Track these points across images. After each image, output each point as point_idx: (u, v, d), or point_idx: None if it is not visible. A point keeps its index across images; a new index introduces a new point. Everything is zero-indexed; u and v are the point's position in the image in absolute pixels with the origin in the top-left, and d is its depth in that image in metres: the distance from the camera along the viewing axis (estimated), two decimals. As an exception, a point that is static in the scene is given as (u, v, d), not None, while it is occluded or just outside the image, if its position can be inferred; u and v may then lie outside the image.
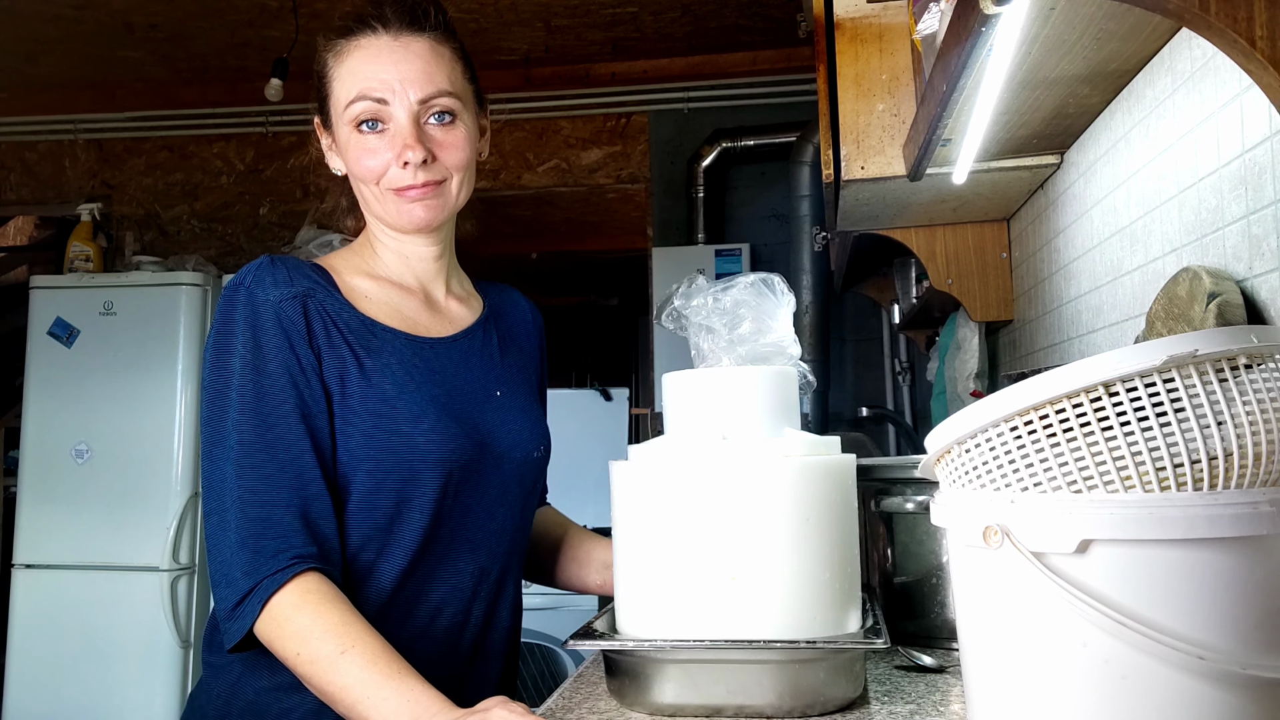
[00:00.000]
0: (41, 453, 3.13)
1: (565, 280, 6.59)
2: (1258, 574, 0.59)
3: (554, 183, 3.86)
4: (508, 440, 1.07)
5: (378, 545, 0.99)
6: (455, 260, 1.16)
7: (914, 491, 1.16)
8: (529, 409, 1.13)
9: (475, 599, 1.05)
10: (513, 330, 1.19)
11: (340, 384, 0.97)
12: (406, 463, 0.98)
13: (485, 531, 1.05)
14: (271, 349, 0.95)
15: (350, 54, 1.03)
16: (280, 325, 0.96)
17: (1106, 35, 1.13)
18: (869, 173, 1.62)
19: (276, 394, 0.94)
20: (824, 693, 0.88)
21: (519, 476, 1.09)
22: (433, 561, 1.01)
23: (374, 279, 1.07)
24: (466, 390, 1.06)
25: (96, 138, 4.03)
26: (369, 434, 0.97)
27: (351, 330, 1.00)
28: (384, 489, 0.98)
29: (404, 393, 0.99)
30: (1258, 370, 0.61)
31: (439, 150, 1.03)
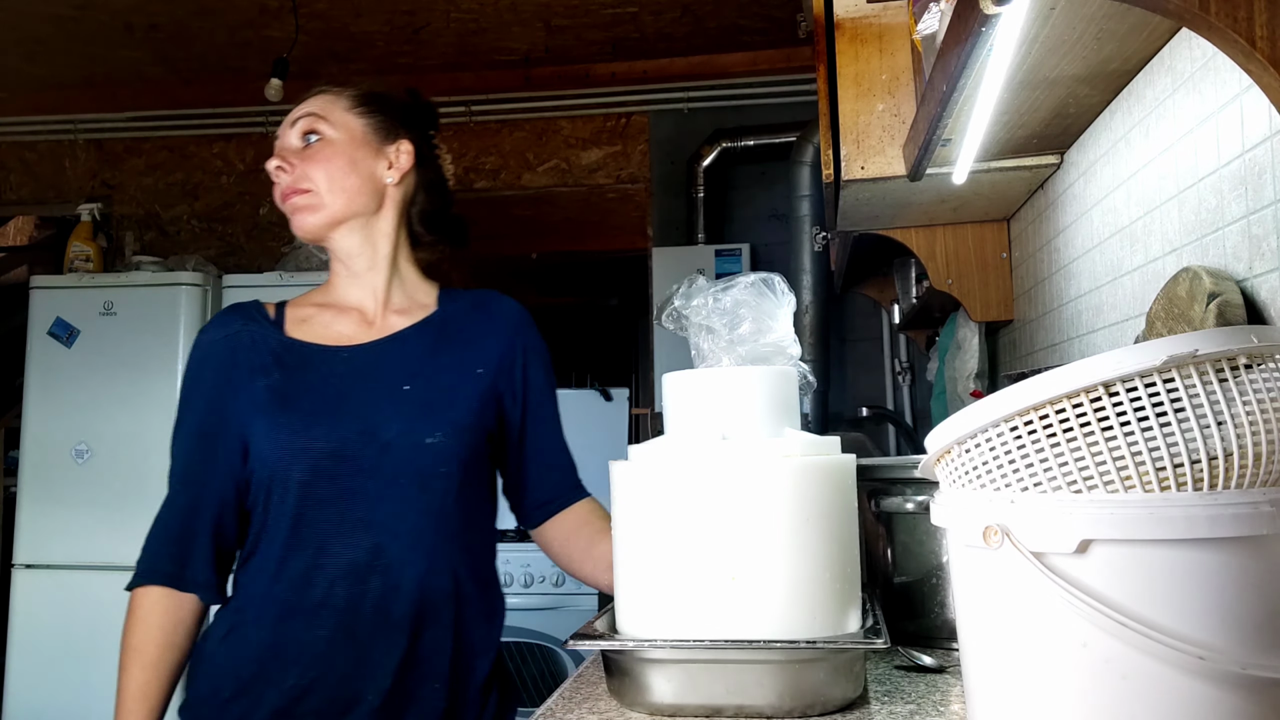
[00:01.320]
0: (41, 453, 3.13)
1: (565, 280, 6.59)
2: (1258, 574, 0.59)
3: (554, 183, 3.86)
4: (396, 429, 1.19)
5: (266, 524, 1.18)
6: (401, 278, 1.32)
7: (914, 491, 1.16)
8: (435, 400, 1.23)
9: (372, 573, 1.16)
10: (466, 329, 1.31)
11: (256, 399, 1.20)
12: (277, 454, 1.17)
13: (379, 513, 1.17)
14: (198, 383, 1.24)
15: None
16: (206, 363, 1.24)
17: (1106, 35, 1.13)
18: (869, 173, 1.62)
19: (191, 420, 1.23)
20: (824, 693, 0.88)
21: (412, 460, 1.19)
22: (320, 539, 1.16)
23: (319, 306, 1.30)
24: (365, 386, 1.22)
25: (96, 138, 4.03)
26: (262, 434, 1.18)
27: (273, 353, 1.23)
28: (269, 478, 1.17)
29: (292, 396, 1.19)
30: (1258, 370, 0.61)
31: (303, 161, 1.25)
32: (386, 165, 1.28)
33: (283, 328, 1.25)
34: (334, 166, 1.24)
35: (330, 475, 1.16)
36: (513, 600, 3.29)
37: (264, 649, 1.15)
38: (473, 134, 3.88)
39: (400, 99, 1.34)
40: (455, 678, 1.20)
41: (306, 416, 1.18)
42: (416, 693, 1.17)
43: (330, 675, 1.15)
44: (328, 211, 1.25)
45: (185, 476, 1.21)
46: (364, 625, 1.15)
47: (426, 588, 1.18)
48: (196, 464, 1.21)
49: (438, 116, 1.39)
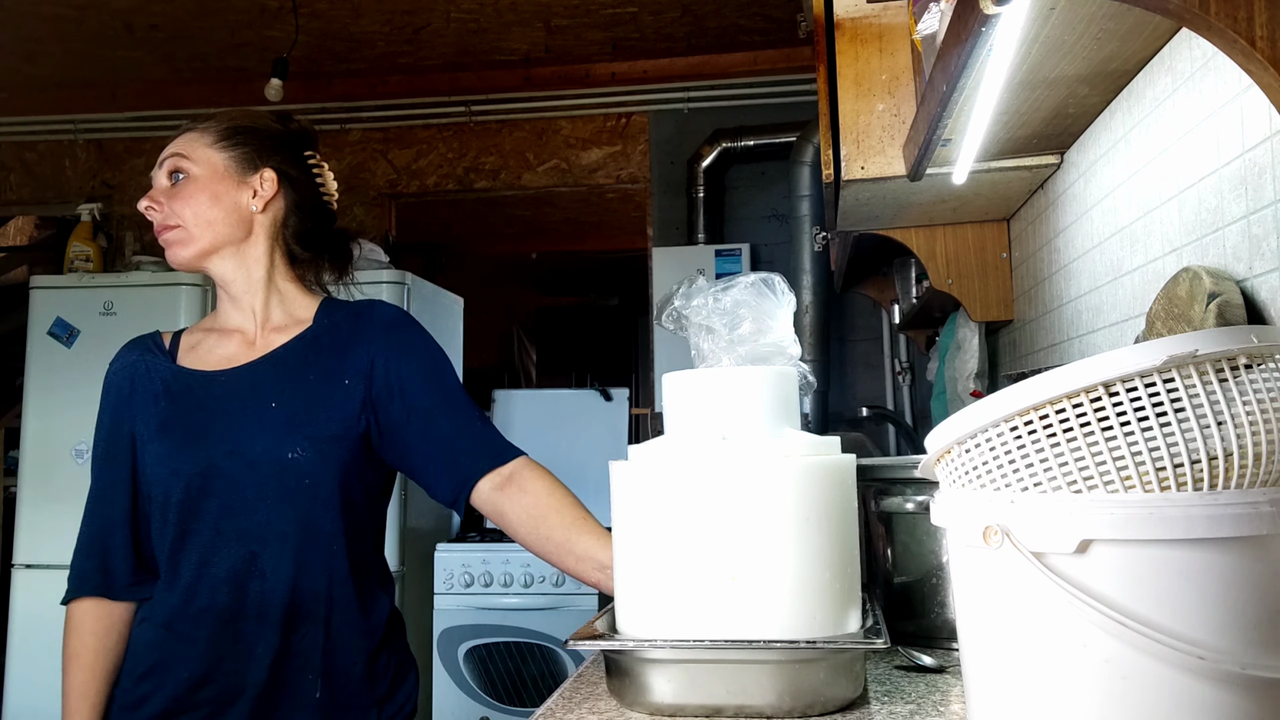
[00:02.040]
0: (41, 453, 3.13)
1: (565, 280, 6.59)
2: (1258, 574, 0.59)
3: (554, 183, 3.86)
4: (260, 446, 1.28)
5: (159, 540, 1.31)
6: (281, 297, 1.39)
7: (914, 491, 1.16)
8: (298, 415, 1.31)
9: (250, 579, 1.27)
10: (337, 341, 1.37)
11: (146, 428, 1.32)
12: (158, 477, 1.29)
13: (250, 523, 1.27)
14: (103, 411, 1.38)
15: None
16: (110, 392, 1.38)
17: (1106, 35, 1.13)
18: (869, 173, 1.62)
19: (100, 445, 1.36)
20: (824, 693, 0.88)
21: (276, 475, 1.28)
22: (202, 550, 1.27)
23: (206, 331, 1.40)
24: (234, 408, 1.31)
25: (96, 138, 4.03)
26: (148, 459, 1.31)
27: (163, 381, 1.34)
28: (155, 498, 1.30)
29: (176, 422, 1.31)
30: (1258, 370, 0.61)
31: (170, 199, 1.33)
32: (251, 194, 1.36)
33: (175, 357, 1.37)
34: (197, 202, 1.33)
35: (203, 493, 1.27)
36: (512, 600, 3.30)
37: (161, 644, 1.28)
38: (473, 134, 3.88)
39: (266, 128, 1.39)
40: (329, 669, 1.29)
41: (180, 441, 1.29)
42: (292, 683, 1.28)
43: (217, 670, 1.27)
44: (196, 244, 1.33)
45: (98, 496, 1.34)
46: (246, 625, 1.27)
47: (298, 590, 1.28)
48: (105, 485, 1.34)
49: (313, 137, 1.45)
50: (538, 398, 3.97)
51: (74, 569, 1.33)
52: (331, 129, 3.93)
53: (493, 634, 3.12)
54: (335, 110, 3.91)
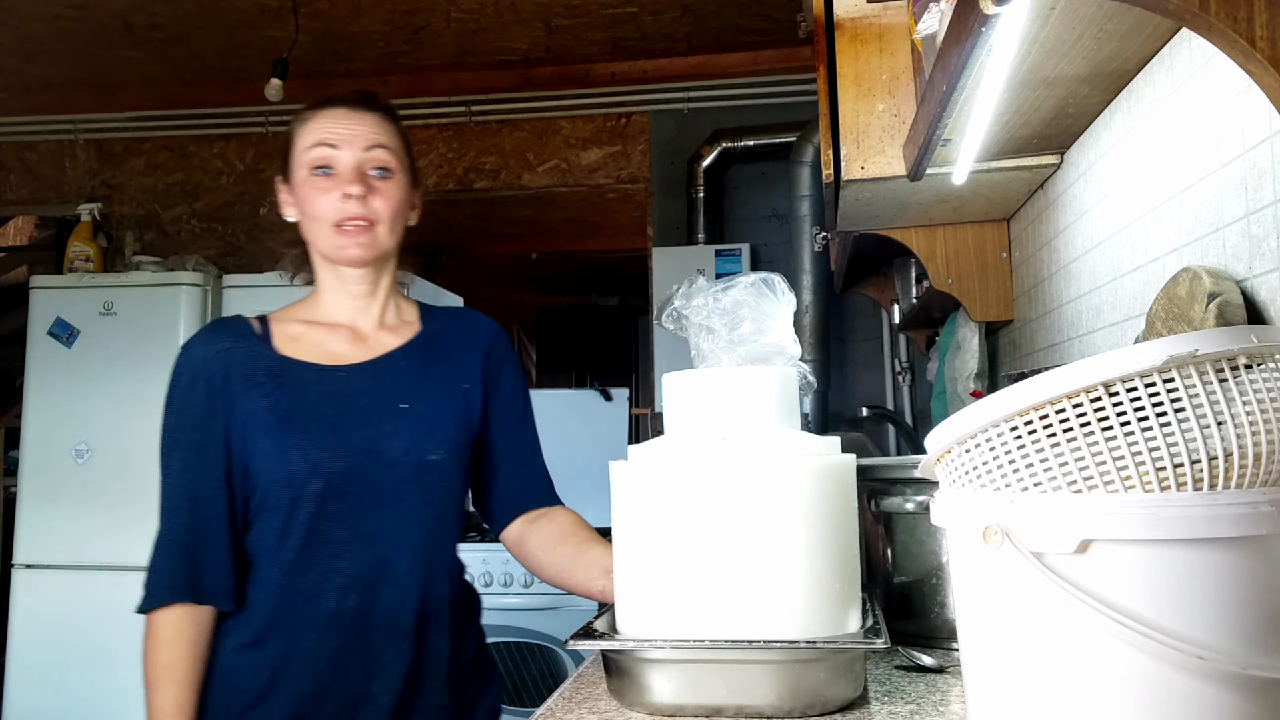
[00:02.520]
0: (41, 453, 3.13)
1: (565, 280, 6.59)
2: (1258, 574, 0.59)
3: (554, 183, 3.86)
4: (400, 446, 1.24)
5: (280, 539, 1.20)
6: (396, 298, 1.37)
7: (914, 491, 1.16)
8: (434, 418, 1.28)
9: (380, 584, 1.21)
10: (448, 347, 1.35)
11: (253, 417, 1.21)
12: (291, 472, 1.19)
13: (384, 526, 1.22)
14: (190, 399, 1.23)
15: (313, 119, 1.28)
16: (199, 379, 1.23)
17: (1106, 35, 1.13)
18: (869, 173, 1.62)
19: (187, 436, 1.23)
20: (824, 693, 0.88)
21: (415, 477, 1.24)
22: (332, 553, 1.20)
23: (307, 323, 1.31)
24: (366, 406, 1.25)
25: (96, 138, 4.03)
26: (267, 453, 1.20)
27: (268, 371, 1.24)
28: (281, 495, 1.20)
29: (296, 415, 1.22)
30: (1258, 370, 0.61)
31: (373, 194, 1.25)
32: (412, 207, 1.34)
33: (271, 344, 1.26)
34: (397, 203, 1.28)
35: (341, 492, 1.20)
36: (512, 600, 3.30)
37: (278, 658, 1.18)
38: (473, 134, 3.88)
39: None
40: (454, 673, 1.26)
41: (316, 436, 1.20)
42: (423, 691, 1.22)
43: (341, 682, 1.19)
44: (381, 249, 1.28)
45: (187, 492, 1.21)
46: (374, 634, 1.20)
47: (427, 597, 1.24)
48: (196, 479, 1.21)
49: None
50: (538, 398, 3.94)
51: (158, 572, 1.20)
52: (331, 129, 3.92)
53: (493, 634, 3.11)
54: (335, 110, 3.91)
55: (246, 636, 1.20)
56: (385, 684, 1.20)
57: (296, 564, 1.20)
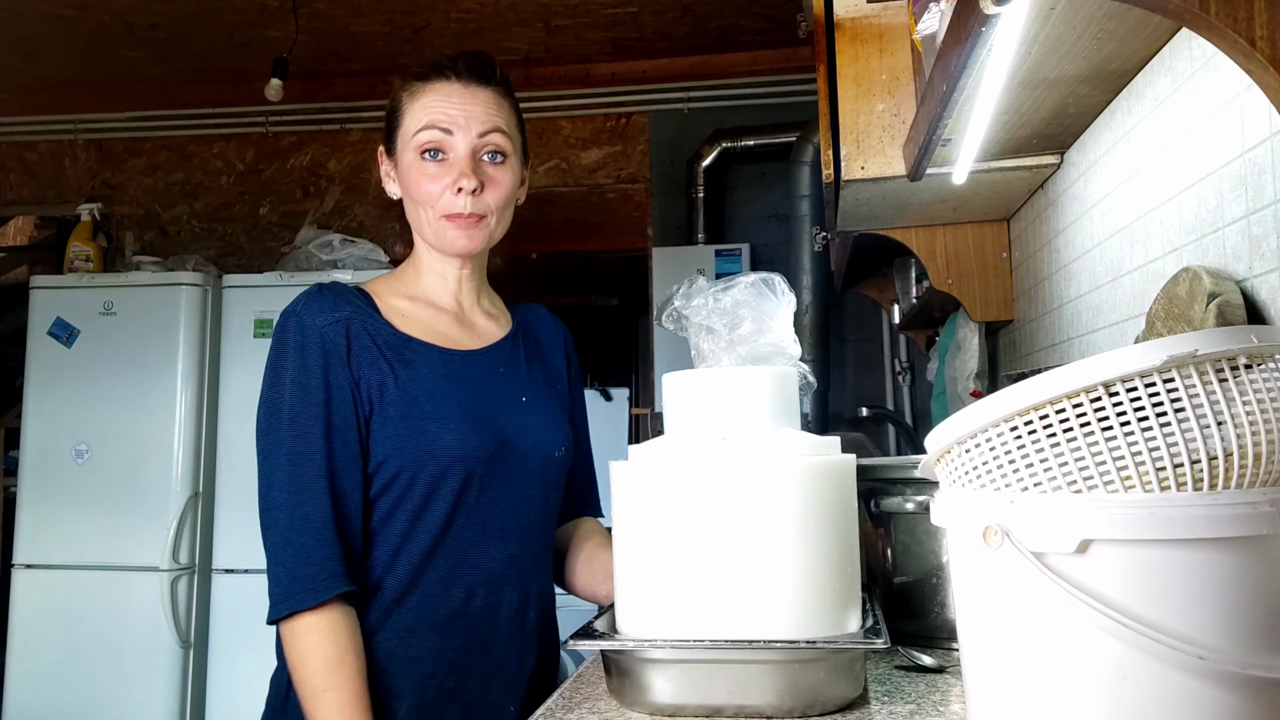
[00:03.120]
0: (41, 453, 3.13)
1: (565, 280, 6.58)
2: (1258, 574, 0.59)
3: (554, 183, 3.86)
4: (531, 440, 1.18)
5: (409, 530, 1.11)
6: (487, 282, 1.29)
7: (914, 491, 1.16)
8: (553, 414, 1.24)
9: (506, 582, 1.15)
10: (540, 344, 1.31)
11: (380, 394, 1.11)
12: (432, 458, 1.10)
13: (514, 522, 1.15)
14: (315, 370, 1.09)
15: (424, 93, 1.17)
16: (323, 348, 1.10)
17: (1106, 35, 1.13)
18: (869, 173, 1.62)
19: (318, 411, 1.08)
20: (824, 693, 0.88)
21: (542, 473, 1.19)
22: (462, 547, 1.12)
23: (411, 300, 1.20)
24: (492, 395, 1.18)
25: (96, 138, 4.03)
26: (403, 435, 1.10)
27: (390, 346, 1.13)
28: (416, 482, 1.10)
29: (433, 398, 1.12)
30: (1258, 370, 0.61)
31: (488, 184, 1.16)
32: (521, 183, 1.24)
33: (383, 317, 1.16)
34: (508, 193, 1.19)
35: (481, 484, 1.12)
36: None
37: (394, 660, 1.09)
38: (473, 134, 3.87)
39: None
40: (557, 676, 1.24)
41: (455, 421, 1.11)
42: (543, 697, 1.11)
43: (463, 687, 1.12)
44: (488, 237, 1.19)
45: (325, 470, 1.07)
46: (498, 636, 1.14)
47: (545, 597, 1.21)
48: (337, 458, 1.08)
49: None
50: (538, 398, 3.96)
51: (311, 563, 1.04)
52: (331, 129, 3.93)
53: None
54: (335, 110, 3.91)
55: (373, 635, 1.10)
56: (508, 689, 1.13)
57: (426, 559, 1.10)
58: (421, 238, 1.21)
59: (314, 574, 1.04)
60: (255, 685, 1.39)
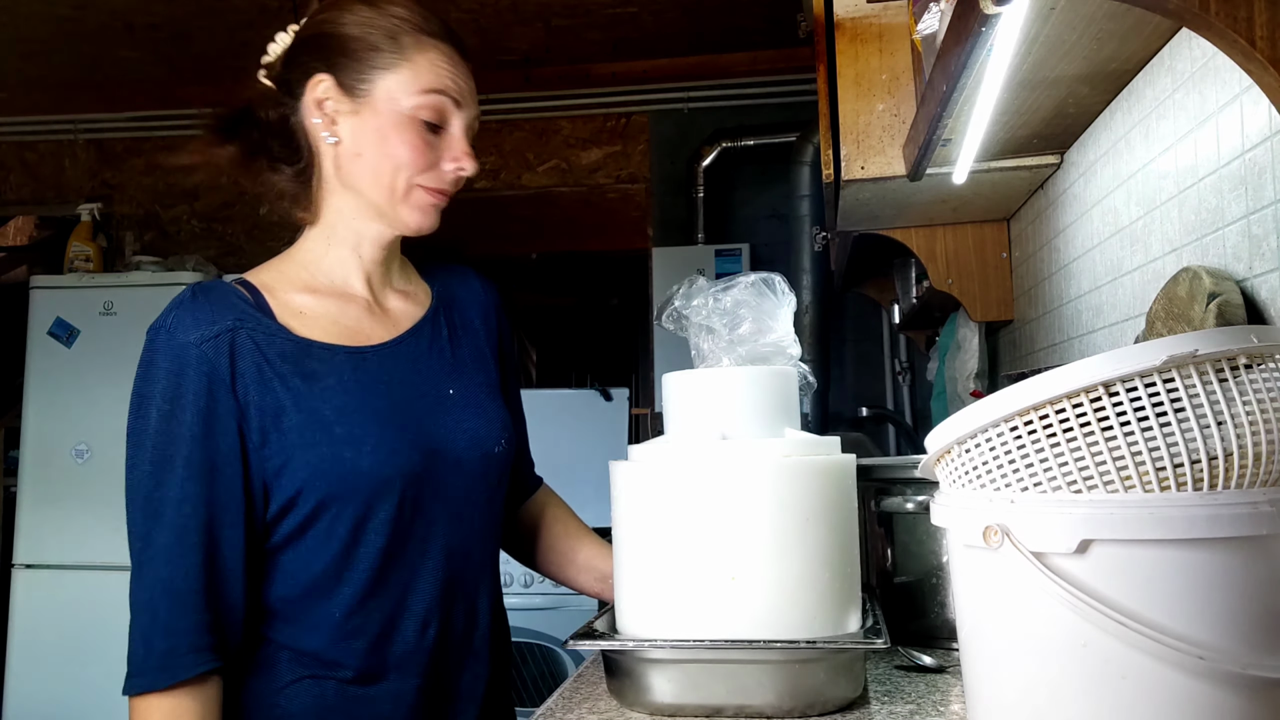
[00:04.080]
0: (41, 453, 3.13)
1: (565, 280, 6.58)
2: (1258, 574, 0.59)
3: (554, 183, 3.86)
4: (464, 442, 1.04)
5: (340, 570, 0.97)
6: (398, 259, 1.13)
7: (914, 491, 1.16)
8: (485, 403, 1.09)
9: (454, 604, 1.03)
10: (465, 314, 1.14)
11: (275, 419, 0.95)
12: (353, 489, 0.96)
13: (457, 538, 1.03)
14: (188, 400, 0.92)
15: (431, 49, 1.03)
16: (199, 372, 0.93)
17: (1106, 35, 1.13)
18: (869, 173, 1.62)
19: (190, 450, 0.92)
20: (824, 693, 0.88)
21: (483, 474, 1.06)
22: (407, 577, 1.00)
23: (313, 292, 1.03)
24: (414, 396, 1.03)
25: (96, 138, 4.03)
26: (314, 465, 0.95)
27: (286, 359, 0.97)
28: (341, 517, 0.96)
29: (344, 416, 0.97)
30: (1258, 370, 0.61)
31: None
32: None
33: (276, 319, 0.99)
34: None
35: (416, 505, 0.99)
36: (513, 600, 3.28)
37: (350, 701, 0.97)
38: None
39: None
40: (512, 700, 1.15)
41: (378, 438, 0.97)
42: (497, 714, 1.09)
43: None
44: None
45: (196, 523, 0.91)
46: (452, 661, 1.03)
47: (497, 612, 1.11)
48: (208, 504, 0.92)
49: None
50: (538, 398, 3.97)
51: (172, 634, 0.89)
52: (331, 129, 3.92)
53: (493, 634, 3.12)
54: (335, 110, 3.91)
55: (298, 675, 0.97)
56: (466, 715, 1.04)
57: (364, 599, 0.97)
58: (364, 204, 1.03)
59: (172, 647, 0.89)
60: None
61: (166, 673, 0.88)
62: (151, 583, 0.90)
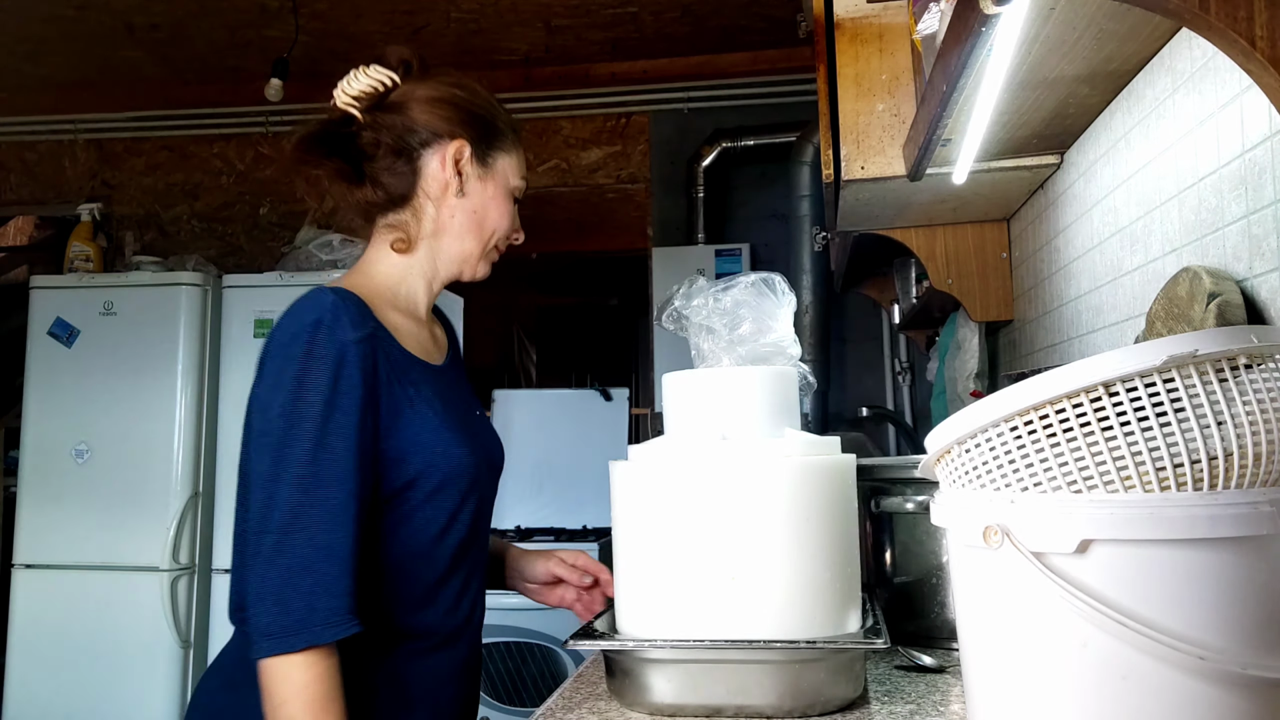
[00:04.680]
0: (41, 453, 3.13)
1: (565, 280, 6.58)
2: (1258, 574, 0.59)
3: (554, 183, 3.86)
4: (497, 453, 1.23)
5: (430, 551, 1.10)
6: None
7: (914, 491, 1.16)
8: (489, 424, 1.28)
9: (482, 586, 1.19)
10: (456, 345, 1.31)
11: (396, 418, 1.07)
12: (458, 481, 1.10)
13: (486, 535, 1.19)
14: (350, 390, 1.03)
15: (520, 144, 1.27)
16: (359, 366, 1.04)
17: (1106, 35, 1.13)
18: (869, 173, 1.62)
19: (350, 435, 1.02)
20: (824, 693, 0.88)
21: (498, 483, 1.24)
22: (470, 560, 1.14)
23: (400, 313, 1.17)
24: (465, 411, 1.19)
25: (96, 138, 4.03)
26: (430, 460, 1.08)
27: (399, 365, 1.10)
28: (441, 507, 1.10)
29: (443, 420, 1.11)
30: (1258, 370, 0.61)
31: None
32: None
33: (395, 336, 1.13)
34: None
35: (482, 499, 1.16)
36: (512, 600, 3.28)
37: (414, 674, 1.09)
38: (473, 134, 3.87)
39: None
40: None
41: (465, 438, 1.12)
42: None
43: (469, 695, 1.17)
44: None
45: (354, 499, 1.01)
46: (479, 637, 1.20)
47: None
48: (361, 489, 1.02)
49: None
50: (538, 398, 3.97)
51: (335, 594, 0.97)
52: (331, 129, 3.93)
53: (492, 634, 3.12)
54: (335, 110, 3.91)
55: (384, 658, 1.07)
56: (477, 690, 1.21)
57: (448, 573, 1.10)
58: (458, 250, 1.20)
59: (337, 607, 0.97)
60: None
61: (330, 629, 0.96)
62: (309, 549, 0.97)
